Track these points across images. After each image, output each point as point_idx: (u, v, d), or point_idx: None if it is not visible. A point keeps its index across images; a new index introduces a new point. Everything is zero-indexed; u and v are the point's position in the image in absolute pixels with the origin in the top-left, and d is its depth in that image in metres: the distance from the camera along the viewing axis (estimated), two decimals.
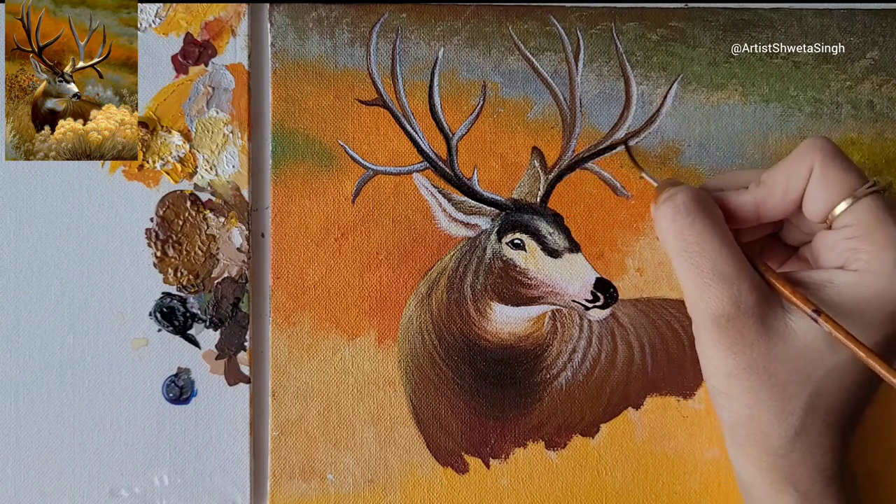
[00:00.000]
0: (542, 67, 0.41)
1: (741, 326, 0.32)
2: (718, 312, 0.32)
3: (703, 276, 0.33)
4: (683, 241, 0.33)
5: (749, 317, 0.32)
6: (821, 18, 0.41)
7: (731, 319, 0.32)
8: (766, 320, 0.32)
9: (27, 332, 0.40)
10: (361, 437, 0.40)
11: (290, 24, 0.41)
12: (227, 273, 0.40)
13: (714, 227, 0.33)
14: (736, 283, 0.32)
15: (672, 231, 0.34)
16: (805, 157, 0.33)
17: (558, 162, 0.41)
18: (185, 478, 0.40)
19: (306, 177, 0.40)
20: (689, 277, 0.33)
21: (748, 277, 0.33)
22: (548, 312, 0.41)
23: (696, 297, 0.33)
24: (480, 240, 0.41)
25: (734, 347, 0.33)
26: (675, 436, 0.41)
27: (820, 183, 0.33)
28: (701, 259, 0.33)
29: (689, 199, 0.33)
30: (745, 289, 0.32)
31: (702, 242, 0.33)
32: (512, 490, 0.40)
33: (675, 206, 0.34)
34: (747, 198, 0.34)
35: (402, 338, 0.40)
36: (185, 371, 0.40)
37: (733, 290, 0.32)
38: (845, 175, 0.32)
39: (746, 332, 0.32)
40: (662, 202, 0.34)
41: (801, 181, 0.33)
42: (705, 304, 0.33)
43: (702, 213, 0.33)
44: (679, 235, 0.33)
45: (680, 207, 0.33)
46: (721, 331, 0.33)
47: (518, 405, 0.40)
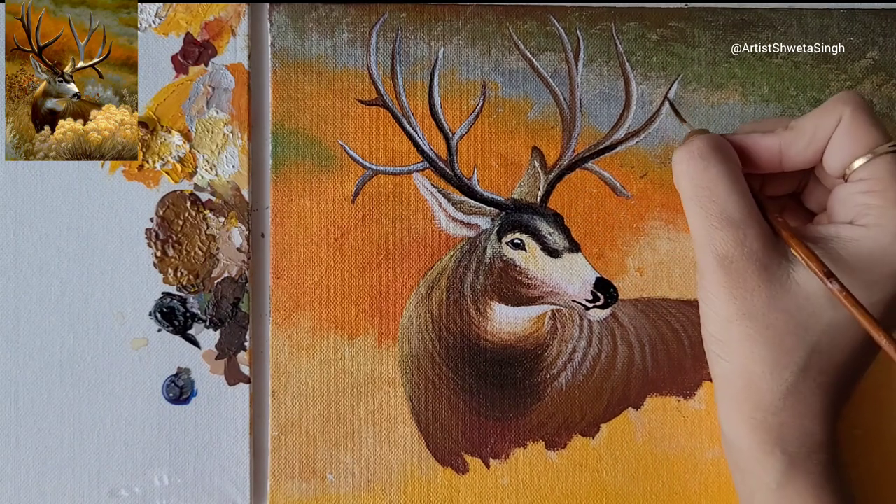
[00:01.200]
0: (542, 67, 0.41)
1: (743, 270, 0.33)
2: (723, 253, 0.33)
3: (711, 220, 0.33)
4: (695, 184, 0.34)
5: (752, 262, 0.33)
6: (821, 18, 0.41)
7: (735, 262, 0.33)
8: (769, 268, 0.33)
9: (27, 332, 0.40)
10: (361, 437, 0.40)
11: (290, 24, 0.41)
12: (227, 273, 0.40)
13: (728, 174, 0.34)
14: (742, 227, 0.33)
15: (685, 174, 0.34)
16: (836, 108, 0.33)
17: (558, 162, 0.41)
18: (185, 478, 0.40)
19: (306, 177, 0.40)
20: (698, 219, 0.34)
21: (755, 224, 0.33)
22: (548, 312, 0.41)
23: (702, 238, 0.34)
24: (480, 240, 0.41)
25: (735, 291, 0.33)
26: (676, 436, 0.41)
27: (845, 133, 0.33)
28: (710, 203, 0.33)
29: (706, 144, 0.34)
30: (751, 234, 0.33)
31: (713, 187, 0.33)
32: (512, 490, 0.40)
33: (691, 150, 0.34)
34: (773, 140, 0.35)
35: (402, 338, 0.40)
36: (185, 371, 0.40)
37: (739, 233, 0.33)
38: (871, 130, 0.33)
39: (749, 277, 0.33)
40: (680, 147, 0.35)
41: (828, 129, 0.33)
42: (711, 245, 0.33)
43: (717, 159, 0.34)
44: (692, 179, 0.34)
45: (695, 152, 0.34)
46: (724, 272, 0.33)
47: (518, 405, 0.40)
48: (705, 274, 0.34)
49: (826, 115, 0.34)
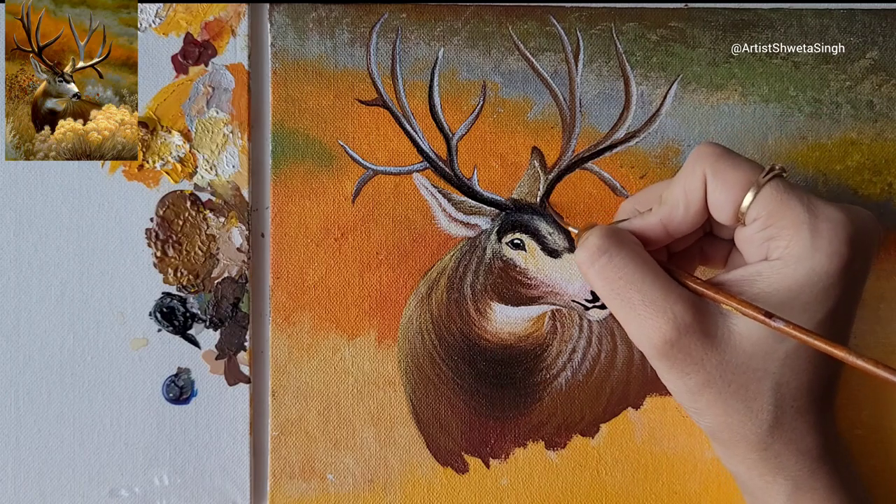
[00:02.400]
0: (541, 67, 0.41)
1: (686, 347, 0.32)
2: (660, 340, 0.32)
3: (636, 309, 0.32)
4: (607, 279, 0.33)
5: (691, 335, 0.32)
6: (820, 18, 0.41)
7: (675, 343, 0.32)
8: (708, 333, 0.32)
9: (27, 332, 0.40)
10: (361, 437, 0.40)
11: (290, 24, 0.41)
12: (227, 273, 0.40)
13: (633, 257, 0.33)
14: (669, 306, 0.32)
15: (594, 273, 0.33)
16: (696, 167, 0.33)
17: (558, 162, 0.41)
18: (185, 478, 0.40)
19: (306, 177, 0.41)
20: (624, 313, 0.33)
21: (679, 296, 0.32)
22: (548, 312, 0.41)
23: (635, 330, 0.33)
24: (480, 240, 0.41)
25: (686, 368, 0.32)
26: (675, 436, 0.41)
27: (716, 186, 0.32)
28: (629, 292, 0.33)
29: (600, 237, 0.33)
30: (679, 309, 0.32)
31: (625, 276, 0.33)
32: (512, 490, 0.40)
33: (589, 248, 0.33)
34: (652, 220, 0.34)
35: (402, 338, 0.40)
36: (185, 371, 0.40)
37: (668, 314, 0.32)
38: (738, 171, 0.32)
39: (693, 351, 0.32)
40: (578, 251, 0.34)
41: (698, 191, 0.33)
42: (646, 336, 0.32)
43: (617, 248, 0.33)
44: (601, 275, 0.33)
45: (593, 248, 0.33)
46: (668, 357, 0.32)
47: (518, 405, 0.40)
48: (653, 362, 0.34)
49: (689, 176, 0.33)
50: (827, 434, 0.34)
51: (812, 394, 0.33)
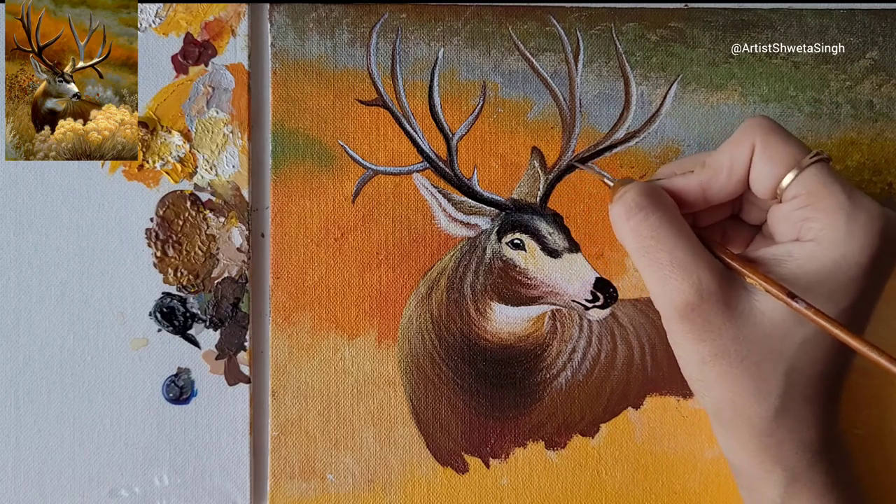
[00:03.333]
0: (541, 68, 0.41)
1: (706, 313, 0.32)
2: (682, 302, 0.32)
3: (663, 269, 0.33)
4: (639, 236, 0.33)
5: (713, 303, 0.32)
6: (820, 18, 0.41)
7: (696, 308, 0.32)
8: (730, 304, 0.32)
9: (27, 332, 0.40)
10: (361, 437, 0.40)
11: (290, 24, 0.41)
12: (227, 273, 0.40)
13: (668, 219, 0.33)
14: (696, 271, 0.32)
15: (627, 229, 0.34)
16: (746, 136, 0.33)
17: (558, 162, 0.41)
18: (185, 478, 0.40)
19: (306, 177, 0.41)
20: (650, 272, 0.33)
21: (708, 264, 0.33)
22: (547, 312, 0.41)
23: (659, 290, 0.33)
24: (480, 240, 0.41)
25: (702, 335, 0.33)
26: (675, 435, 0.41)
27: (763, 158, 0.33)
28: (658, 252, 0.33)
29: (639, 194, 0.34)
30: (705, 276, 0.32)
31: (657, 236, 0.33)
32: (512, 490, 0.40)
33: (627, 203, 0.34)
34: (693, 181, 0.34)
35: (402, 338, 0.40)
36: (185, 371, 0.40)
37: (693, 278, 0.32)
38: (787, 147, 0.32)
39: (713, 319, 0.32)
40: (615, 202, 0.34)
41: (744, 160, 0.33)
42: (669, 296, 0.33)
43: (654, 207, 0.33)
44: (634, 232, 0.33)
45: (631, 204, 0.33)
46: (687, 320, 0.33)
47: (518, 405, 0.40)
48: (670, 324, 0.34)
49: (738, 145, 0.33)
50: (829, 428, 0.34)
51: (822, 385, 0.33)
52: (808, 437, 0.33)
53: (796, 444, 0.33)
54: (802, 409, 0.33)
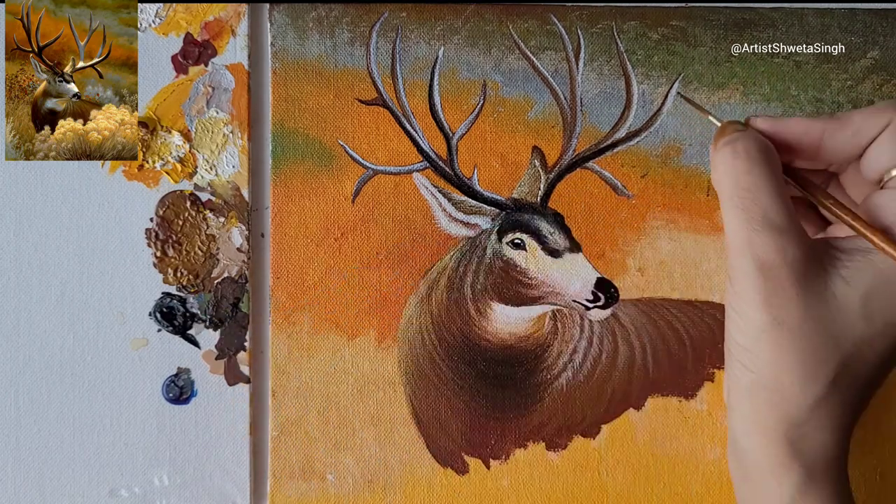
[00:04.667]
0: (542, 66, 0.41)
1: (783, 279, 0.32)
2: (763, 259, 0.32)
3: (753, 223, 0.32)
4: (738, 187, 0.33)
5: (793, 270, 0.32)
6: (822, 18, 0.41)
7: (774, 269, 0.32)
8: (808, 277, 0.32)
9: (27, 332, 0.40)
10: (361, 438, 0.40)
11: (289, 24, 0.41)
12: (227, 273, 0.40)
13: (772, 177, 0.33)
14: (786, 234, 0.32)
15: (728, 174, 0.33)
16: (885, 111, 0.33)
17: (559, 161, 0.41)
18: (185, 478, 0.40)
19: (306, 177, 0.40)
20: (738, 222, 0.33)
21: (798, 232, 0.32)
22: (548, 312, 0.40)
23: (741, 242, 0.33)
24: (481, 239, 0.41)
25: (772, 299, 0.32)
26: (677, 437, 0.40)
27: (892, 138, 0.33)
28: (753, 206, 0.32)
29: (751, 146, 0.33)
30: (793, 242, 0.32)
31: (756, 190, 0.33)
32: (512, 491, 0.40)
33: (736, 151, 0.33)
34: (817, 125, 0.34)
35: (402, 338, 0.40)
36: (185, 371, 0.40)
37: (781, 240, 0.32)
38: None
39: (787, 286, 0.32)
40: (722, 146, 0.34)
41: (874, 129, 0.33)
42: (751, 249, 0.32)
43: (763, 162, 0.33)
44: (734, 181, 0.33)
45: (740, 153, 0.33)
46: (763, 278, 0.32)
47: (518, 406, 0.40)
48: (739, 279, 0.33)
49: (875, 114, 0.33)
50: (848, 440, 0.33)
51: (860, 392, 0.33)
52: (831, 440, 0.33)
53: (819, 443, 0.33)
54: (838, 408, 0.33)
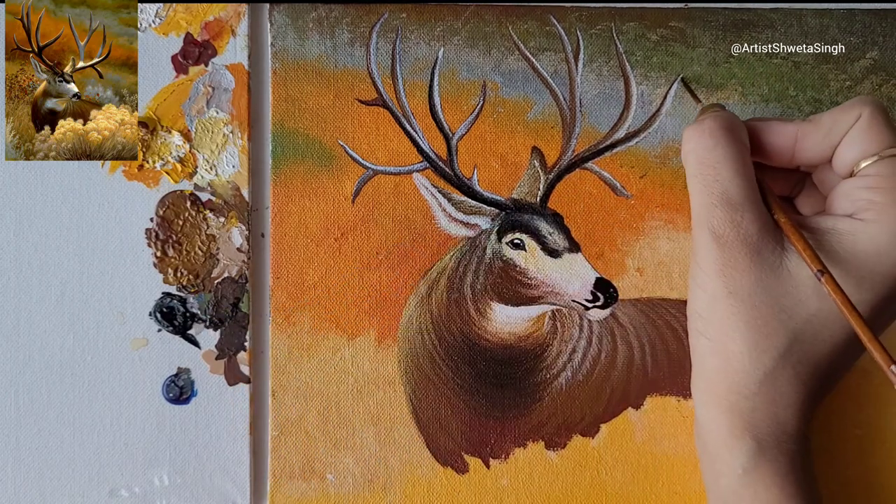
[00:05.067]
0: (541, 67, 0.41)
1: (736, 251, 0.33)
2: (718, 231, 0.33)
3: (712, 198, 0.34)
4: (701, 163, 0.34)
5: (746, 244, 0.33)
6: (820, 18, 0.41)
7: (729, 241, 0.33)
8: (761, 252, 0.33)
9: (27, 332, 0.40)
10: (361, 437, 0.40)
11: (290, 24, 0.41)
12: (227, 273, 0.40)
13: (734, 155, 0.34)
14: (741, 209, 0.33)
15: (692, 151, 0.35)
16: (855, 107, 0.34)
17: (558, 162, 0.41)
18: (185, 478, 0.40)
19: (306, 177, 0.40)
20: (699, 196, 0.34)
21: (754, 208, 0.33)
22: (548, 312, 0.41)
23: (701, 214, 0.34)
24: (480, 240, 0.41)
25: (725, 269, 0.33)
26: (676, 436, 0.41)
27: (861, 131, 0.33)
28: (713, 182, 0.34)
29: (717, 124, 0.34)
30: (748, 217, 0.33)
31: (718, 166, 0.34)
32: (512, 490, 0.40)
33: (702, 128, 0.35)
34: (791, 128, 0.35)
35: (402, 338, 0.40)
36: (185, 371, 0.40)
37: (736, 215, 0.33)
38: (886, 132, 0.33)
39: (740, 258, 0.33)
40: (692, 124, 0.35)
41: (845, 126, 0.34)
42: (708, 221, 0.34)
43: (726, 140, 0.34)
44: (698, 157, 0.34)
45: (705, 131, 0.34)
46: (718, 249, 0.33)
47: (518, 405, 0.40)
48: (699, 249, 0.34)
49: (845, 112, 0.34)
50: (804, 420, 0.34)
51: (817, 368, 0.33)
52: (784, 415, 0.33)
53: (770, 417, 0.33)
54: (789, 384, 0.33)
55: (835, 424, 0.40)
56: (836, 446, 0.41)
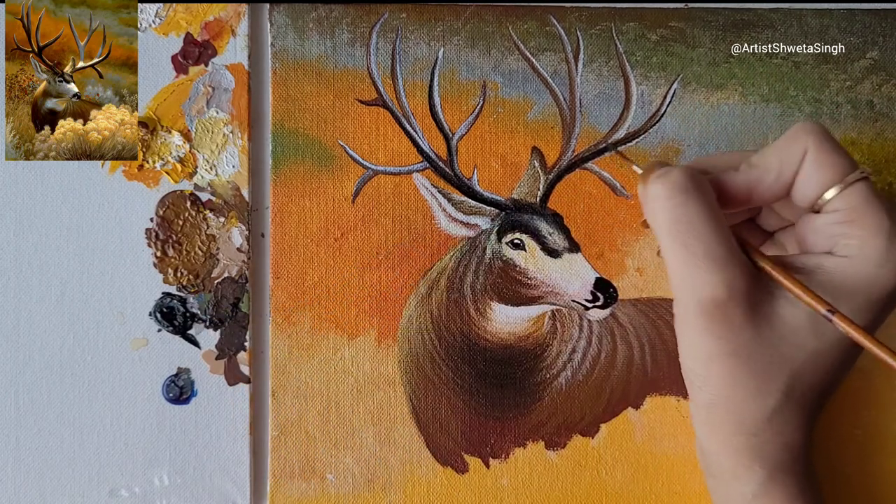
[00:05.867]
0: (541, 67, 0.41)
1: (730, 312, 0.32)
2: (709, 297, 0.32)
3: (696, 259, 0.32)
4: (675, 221, 0.32)
5: (739, 302, 0.32)
6: (820, 18, 0.41)
7: (721, 304, 0.32)
8: (755, 305, 0.32)
9: (27, 332, 0.40)
10: (361, 437, 0.40)
11: (290, 24, 0.41)
12: (227, 273, 0.40)
13: (708, 209, 0.32)
14: (729, 267, 0.31)
15: (664, 210, 0.32)
16: (798, 140, 0.32)
17: (558, 162, 0.41)
18: (185, 478, 0.40)
19: (306, 177, 0.41)
20: (679, 258, 0.32)
21: (740, 262, 0.32)
22: (548, 312, 0.41)
23: (685, 278, 0.32)
24: (480, 240, 0.41)
25: (720, 332, 0.32)
26: (676, 436, 0.41)
27: (814, 166, 0.32)
28: (694, 241, 0.32)
29: (684, 178, 0.32)
30: (737, 273, 0.32)
31: (695, 224, 0.32)
32: (512, 490, 0.40)
33: (670, 184, 0.32)
34: (740, 179, 0.33)
35: (402, 338, 0.40)
36: (185, 371, 0.40)
37: (726, 274, 0.31)
38: (838, 160, 0.32)
39: (735, 318, 0.32)
40: (654, 180, 0.33)
41: (794, 164, 0.32)
42: (694, 287, 0.32)
43: (696, 194, 0.32)
44: (671, 215, 0.32)
45: (675, 186, 0.32)
46: (708, 315, 0.32)
47: (518, 405, 0.40)
48: (687, 314, 0.33)
49: (790, 147, 0.33)
50: (810, 434, 0.34)
51: (817, 393, 0.33)
52: (793, 439, 0.33)
53: (780, 446, 0.33)
54: (795, 413, 0.33)
55: (835, 425, 0.40)
56: (836, 447, 0.41)
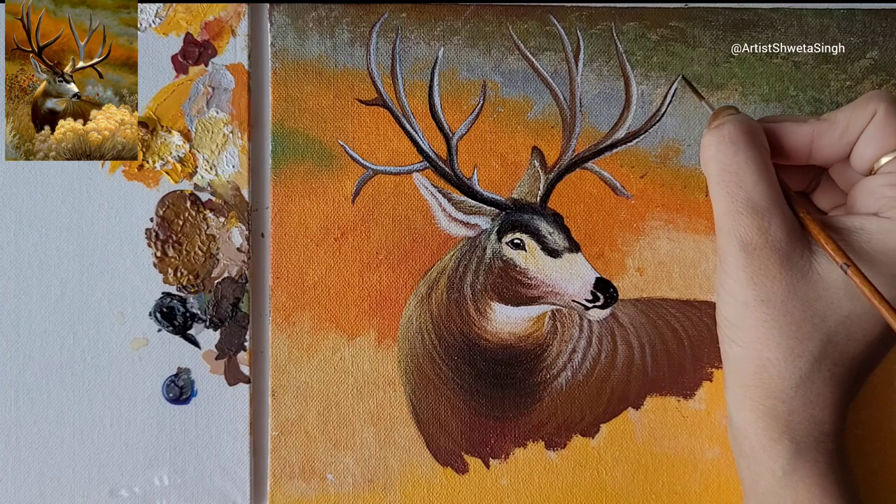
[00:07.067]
0: (542, 67, 0.41)
1: (766, 258, 0.33)
2: (746, 240, 0.33)
3: (737, 205, 0.33)
4: (723, 170, 0.34)
5: (775, 250, 0.33)
6: (821, 18, 0.41)
7: (758, 249, 0.33)
8: (791, 257, 0.33)
9: (27, 332, 0.40)
10: (361, 437, 0.40)
11: (290, 24, 0.41)
12: (227, 273, 0.40)
13: (757, 160, 0.33)
14: (767, 215, 0.33)
15: (714, 158, 0.34)
16: (870, 103, 0.34)
17: (558, 162, 0.41)
18: (185, 478, 0.40)
19: (306, 177, 0.41)
20: (724, 204, 0.34)
21: (780, 213, 0.33)
22: (548, 312, 0.41)
23: (727, 222, 0.34)
24: (480, 239, 0.41)
25: (755, 277, 0.33)
26: (676, 436, 0.41)
27: (878, 128, 0.33)
28: (737, 189, 0.33)
29: (737, 129, 0.34)
30: (775, 223, 0.33)
31: (741, 173, 0.33)
32: (512, 490, 0.40)
33: (722, 134, 0.34)
34: (806, 129, 0.35)
35: (402, 338, 0.40)
36: (185, 371, 0.40)
37: (763, 221, 0.33)
38: None
39: (770, 265, 0.33)
40: (710, 129, 0.35)
41: (861, 123, 0.34)
42: (735, 230, 0.33)
43: (747, 144, 0.34)
44: (720, 164, 0.34)
45: (725, 136, 0.34)
46: (746, 257, 0.33)
47: (518, 405, 0.40)
48: (726, 258, 0.34)
49: (860, 109, 0.34)
50: (841, 417, 0.34)
51: (850, 367, 0.33)
52: (822, 415, 0.33)
53: (808, 418, 0.33)
54: (825, 385, 0.33)
55: None
56: None
